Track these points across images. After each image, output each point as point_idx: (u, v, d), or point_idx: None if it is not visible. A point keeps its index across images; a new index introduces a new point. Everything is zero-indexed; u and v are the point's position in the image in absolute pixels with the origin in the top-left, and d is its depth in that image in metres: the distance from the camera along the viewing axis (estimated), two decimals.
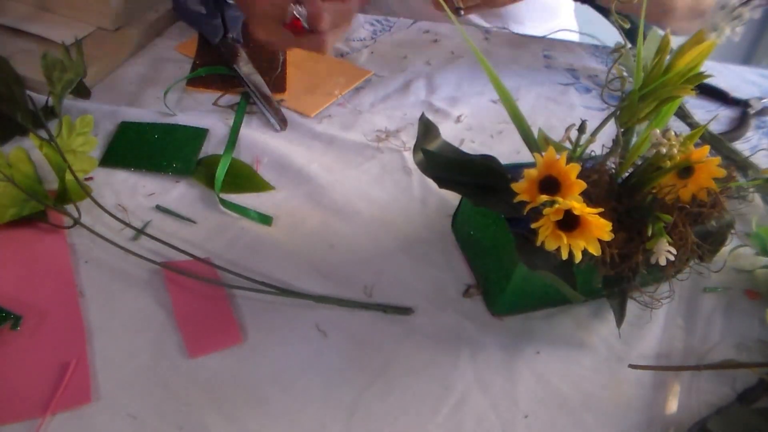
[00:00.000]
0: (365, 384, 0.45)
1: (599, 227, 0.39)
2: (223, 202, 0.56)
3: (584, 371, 0.48)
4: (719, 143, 0.68)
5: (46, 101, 0.58)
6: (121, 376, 0.44)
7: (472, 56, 0.78)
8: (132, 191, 0.56)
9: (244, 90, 0.67)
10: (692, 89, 0.42)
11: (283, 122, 0.65)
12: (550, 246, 0.40)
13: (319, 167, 0.61)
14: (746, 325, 0.53)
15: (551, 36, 0.85)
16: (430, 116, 0.69)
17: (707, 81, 0.51)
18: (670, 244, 0.43)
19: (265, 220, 0.55)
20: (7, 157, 0.51)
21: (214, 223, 0.55)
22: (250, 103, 0.67)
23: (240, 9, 0.54)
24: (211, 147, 0.62)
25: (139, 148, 0.60)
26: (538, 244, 0.40)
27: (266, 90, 0.67)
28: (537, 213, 0.40)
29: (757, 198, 0.63)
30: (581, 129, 0.46)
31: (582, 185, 0.40)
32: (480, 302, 0.52)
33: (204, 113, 0.65)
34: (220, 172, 0.58)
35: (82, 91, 0.59)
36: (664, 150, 0.42)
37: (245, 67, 0.69)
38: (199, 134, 0.62)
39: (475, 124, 0.69)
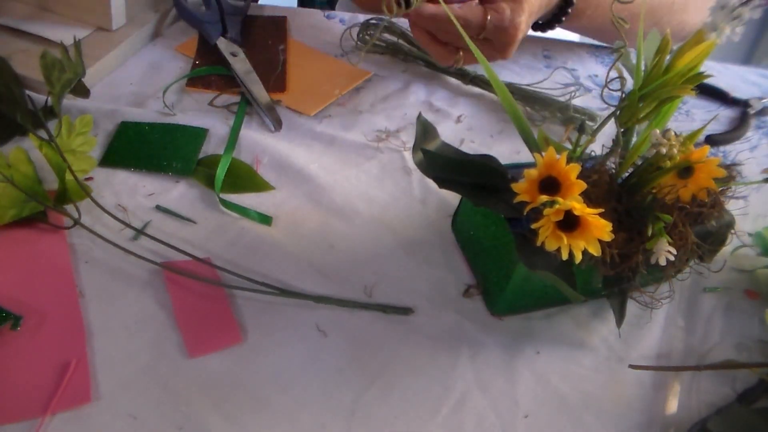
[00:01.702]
0: (365, 384, 0.46)
1: (599, 228, 0.39)
2: (223, 202, 0.56)
3: (584, 371, 0.48)
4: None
5: (46, 101, 0.57)
6: (121, 376, 0.44)
7: None
8: (132, 191, 0.56)
9: (242, 90, 0.67)
10: (692, 89, 0.42)
11: (278, 123, 0.64)
12: (551, 246, 0.40)
13: (319, 167, 0.61)
14: (746, 325, 0.53)
15: (551, 36, 0.85)
16: (430, 116, 0.69)
17: (707, 81, 0.51)
18: (670, 244, 0.43)
19: (265, 220, 0.55)
20: (6, 157, 0.51)
21: (214, 223, 0.55)
22: (249, 104, 0.67)
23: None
24: (211, 147, 0.61)
25: (139, 148, 0.60)
26: (538, 244, 0.40)
27: (262, 90, 0.67)
28: (537, 213, 0.40)
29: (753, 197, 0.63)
30: (581, 129, 0.46)
31: (582, 185, 0.40)
32: (480, 302, 0.52)
33: (204, 113, 0.65)
34: (220, 172, 0.58)
35: (81, 91, 0.59)
36: (664, 150, 0.42)
37: (241, 67, 0.69)
38: (199, 134, 0.62)
39: (475, 124, 0.69)
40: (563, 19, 0.64)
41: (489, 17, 0.55)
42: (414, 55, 0.74)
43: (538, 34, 0.76)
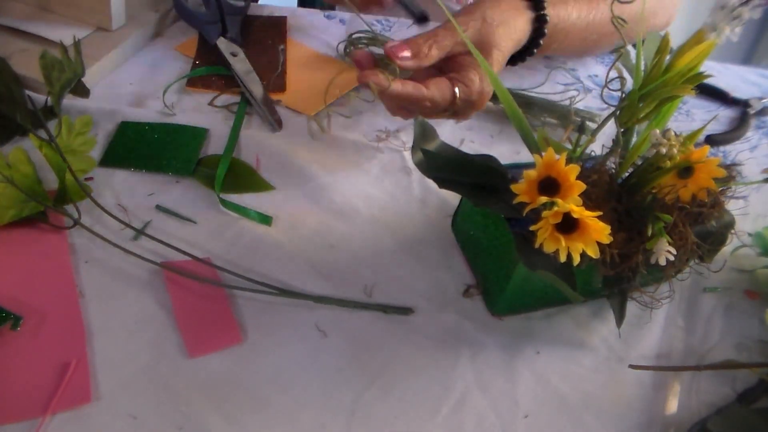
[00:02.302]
0: (365, 384, 0.46)
1: (598, 230, 0.39)
2: (223, 202, 0.56)
3: (584, 371, 0.48)
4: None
5: (46, 101, 0.57)
6: (121, 376, 0.44)
7: None
8: (132, 191, 0.56)
9: (242, 90, 0.67)
10: (692, 89, 0.42)
11: (278, 123, 0.65)
12: (549, 248, 0.39)
13: (319, 167, 0.61)
14: (746, 325, 0.53)
15: None
16: None
17: (707, 81, 0.51)
18: (670, 244, 0.43)
19: (265, 220, 0.55)
20: (6, 157, 0.51)
21: (214, 223, 0.55)
22: (249, 104, 0.67)
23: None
24: (211, 147, 0.62)
25: (139, 148, 0.60)
26: (537, 246, 0.40)
27: (262, 90, 0.67)
28: (537, 213, 0.40)
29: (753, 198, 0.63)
30: (581, 129, 0.46)
31: (581, 186, 0.40)
32: (480, 302, 0.52)
33: (204, 113, 0.65)
34: (220, 172, 0.58)
35: (81, 91, 0.59)
36: (664, 150, 0.42)
37: (241, 67, 0.69)
38: (199, 134, 0.62)
39: (475, 124, 0.69)
40: (534, 51, 0.64)
41: (458, 93, 0.55)
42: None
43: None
